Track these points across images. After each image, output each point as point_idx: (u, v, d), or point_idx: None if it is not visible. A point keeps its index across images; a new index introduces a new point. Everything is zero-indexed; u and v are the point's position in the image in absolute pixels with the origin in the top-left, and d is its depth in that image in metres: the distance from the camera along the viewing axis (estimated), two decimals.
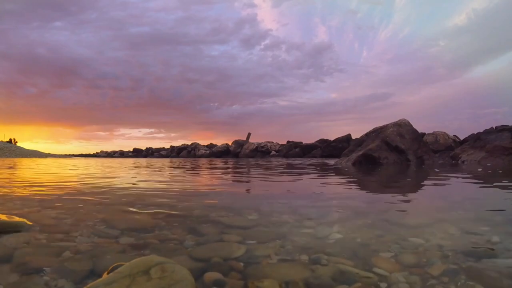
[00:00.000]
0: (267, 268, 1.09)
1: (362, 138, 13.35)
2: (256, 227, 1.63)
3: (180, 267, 0.93)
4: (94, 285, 0.83)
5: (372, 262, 1.13)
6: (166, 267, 0.90)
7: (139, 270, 0.88)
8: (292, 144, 35.91)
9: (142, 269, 0.88)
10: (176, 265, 0.93)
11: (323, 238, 1.44)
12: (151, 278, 0.85)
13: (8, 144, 40.02)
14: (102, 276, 0.94)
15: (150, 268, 0.89)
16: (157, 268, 0.89)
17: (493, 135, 12.48)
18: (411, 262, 1.13)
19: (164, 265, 0.91)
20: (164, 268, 0.90)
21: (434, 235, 1.46)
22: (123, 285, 0.83)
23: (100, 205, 2.25)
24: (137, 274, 0.86)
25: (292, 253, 1.23)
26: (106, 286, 0.82)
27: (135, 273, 0.87)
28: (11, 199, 2.56)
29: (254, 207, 2.26)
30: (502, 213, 2.02)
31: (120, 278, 0.85)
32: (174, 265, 0.92)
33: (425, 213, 2.05)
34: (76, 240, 1.38)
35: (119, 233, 1.50)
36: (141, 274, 0.86)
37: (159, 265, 0.90)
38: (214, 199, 2.65)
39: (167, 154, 44.77)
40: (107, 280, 0.85)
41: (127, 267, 0.90)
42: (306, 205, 2.36)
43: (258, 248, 1.29)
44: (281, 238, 1.42)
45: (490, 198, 2.87)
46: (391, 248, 1.28)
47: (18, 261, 1.14)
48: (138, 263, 0.91)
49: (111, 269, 0.96)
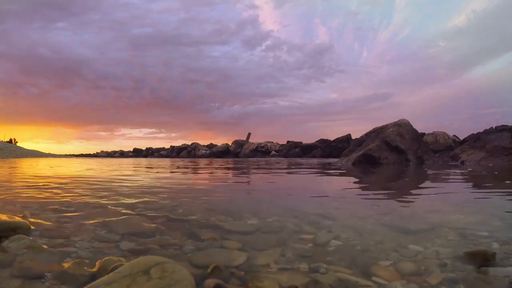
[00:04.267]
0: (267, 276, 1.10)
1: (362, 138, 13.35)
2: (256, 233, 1.64)
3: (180, 267, 0.93)
4: (94, 285, 0.84)
5: (371, 270, 1.14)
6: (166, 267, 0.90)
7: (139, 270, 0.88)
8: (292, 144, 35.86)
9: (142, 269, 0.88)
10: (176, 265, 0.93)
11: (323, 245, 1.44)
12: (151, 278, 0.85)
13: (8, 144, 39.98)
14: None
15: (150, 268, 0.89)
16: (157, 268, 0.89)
17: (493, 135, 12.47)
18: (410, 271, 1.14)
19: (164, 265, 0.91)
20: (164, 268, 0.90)
21: (433, 241, 1.46)
22: (123, 285, 0.83)
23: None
24: (137, 274, 0.86)
25: (292, 261, 1.24)
26: (106, 286, 0.82)
27: (135, 273, 0.87)
28: (13, 202, 2.56)
29: (253, 210, 2.26)
30: (502, 217, 2.02)
31: (120, 278, 0.85)
32: (174, 265, 0.92)
33: (424, 217, 2.05)
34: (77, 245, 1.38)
35: (119, 237, 1.51)
36: (141, 274, 0.86)
37: (159, 265, 0.90)
38: (215, 199, 2.65)
39: (167, 154, 44.71)
40: (107, 280, 0.85)
41: (127, 267, 0.90)
42: (306, 207, 2.36)
43: (258, 256, 1.30)
44: (281, 245, 1.43)
45: (490, 201, 2.87)
46: (390, 256, 1.28)
47: (19, 266, 1.15)
48: (138, 263, 0.91)
49: (111, 269, 0.96)
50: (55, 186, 3.82)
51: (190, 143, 44.22)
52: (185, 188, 3.79)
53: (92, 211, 2.15)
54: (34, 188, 3.56)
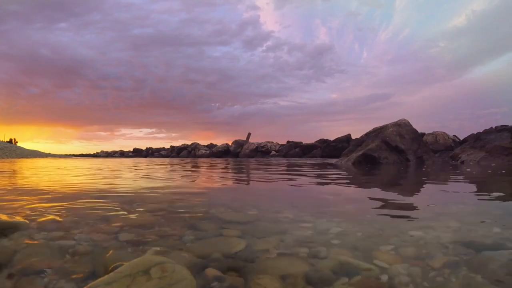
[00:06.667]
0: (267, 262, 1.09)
1: (362, 138, 13.35)
2: (256, 222, 1.63)
3: (180, 267, 0.92)
4: (94, 285, 0.83)
5: (372, 255, 1.13)
6: (166, 267, 0.90)
7: (139, 270, 0.87)
8: (292, 144, 35.91)
9: (142, 269, 0.88)
10: (176, 265, 0.92)
11: (323, 233, 1.43)
12: (151, 278, 0.85)
13: (8, 144, 40.01)
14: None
15: (150, 268, 0.88)
16: (157, 268, 0.89)
17: (492, 135, 12.48)
18: (412, 255, 1.13)
19: (164, 265, 0.90)
20: (164, 268, 0.89)
21: (434, 228, 1.45)
22: (123, 285, 0.82)
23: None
24: (137, 274, 0.86)
25: (292, 247, 1.23)
26: (106, 286, 0.82)
27: (135, 273, 0.86)
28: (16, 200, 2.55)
29: (254, 203, 2.26)
30: (502, 207, 2.02)
31: (120, 278, 0.85)
32: (174, 265, 0.92)
33: (425, 208, 2.05)
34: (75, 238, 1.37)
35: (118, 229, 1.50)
36: (141, 274, 0.86)
37: (159, 265, 0.90)
38: (215, 197, 2.64)
39: (167, 154, 44.74)
40: (107, 279, 0.85)
41: (127, 267, 0.89)
42: (306, 201, 2.36)
43: (257, 243, 1.29)
44: (280, 233, 1.42)
45: (489, 195, 2.86)
46: (391, 241, 1.27)
47: (18, 262, 1.14)
48: (138, 263, 0.91)
49: (111, 269, 0.96)
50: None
51: (190, 143, 44.25)
52: (184, 185, 3.76)
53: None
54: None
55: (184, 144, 45.18)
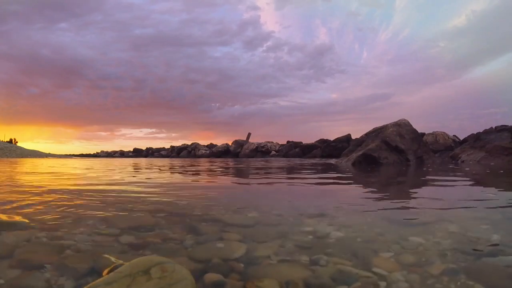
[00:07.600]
0: (267, 269, 1.09)
1: (362, 138, 13.34)
2: (256, 226, 1.64)
3: (180, 267, 0.92)
4: (94, 284, 0.83)
5: (372, 262, 1.13)
6: (166, 267, 0.90)
7: (139, 270, 0.88)
8: (292, 144, 35.87)
9: (142, 269, 0.88)
10: (176, 265, 0.92)
11: (323, 237, 1.44)
12: (151, 278, 0.85)
13: (8, 144, 39.98)
14: (102, 274, 0.94)
15: (150, 268, 0.88)
16: (157, 268, 0.89)
17: (492, 135, 12.48)
18: (411, 261, 1.13)
19: (164, 265, 0.91)
20: (164, 268, 0.89)
21: (434, 234, 1.46)
22: (123, 285, 0.82)
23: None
24: (137, 274, 0.86)
25: (292, 253, 1.23)
26: (106, 285, 0.82)
27: (135, 273, 0.86)
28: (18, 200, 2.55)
29: (253, 205, 2.26)
30: (502, 212, 2.02)
31: (120, 277, 0.85)
32: (174, 265, 0.92)
33: (425, 211, 2.05)
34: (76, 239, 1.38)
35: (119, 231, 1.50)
36: (141, 274, 0.86)
37: (159, 265, 0.90)
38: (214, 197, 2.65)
39: (167, 154, 44.71)
40: (107, 279, 0.85)
41: (127, 267, 0.90)
42: (306, 203, 2.36)
43: (258, 248, 1.29)
44: (281, 237, 1.42)
45: (489, 197, 2.86)
46: (391, 248, 1.28)
47: (18, 257, 1.15)
48: (138, 263, 0.91)
49: (111, 268, 0.96)
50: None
51: (190, 143, 44.21)
52: (184, 185, 3.77)
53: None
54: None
55: (184, 144, 45.15)
